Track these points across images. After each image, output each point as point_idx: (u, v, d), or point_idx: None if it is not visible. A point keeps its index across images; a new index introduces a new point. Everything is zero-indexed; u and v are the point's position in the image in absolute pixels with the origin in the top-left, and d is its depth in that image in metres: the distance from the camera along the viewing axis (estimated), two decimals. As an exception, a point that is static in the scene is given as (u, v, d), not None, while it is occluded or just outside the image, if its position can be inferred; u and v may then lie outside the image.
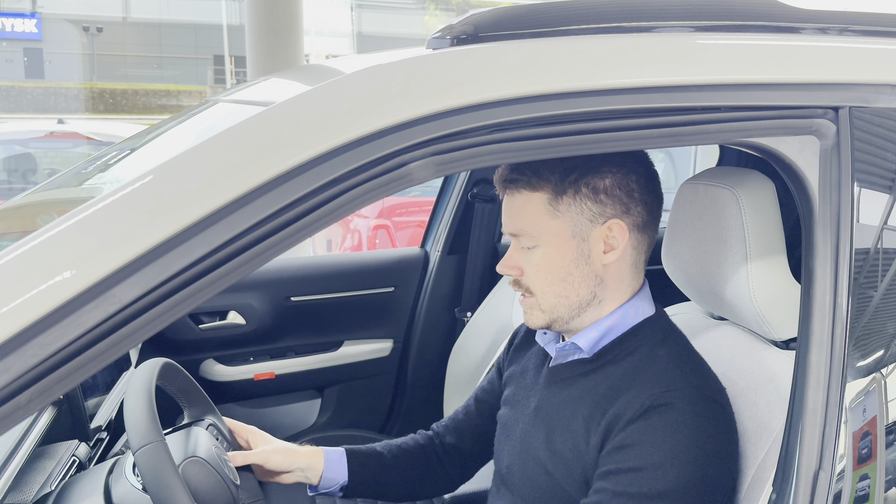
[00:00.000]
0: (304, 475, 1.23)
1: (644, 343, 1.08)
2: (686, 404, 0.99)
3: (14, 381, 0.66)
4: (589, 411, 1.06)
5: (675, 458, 0.96)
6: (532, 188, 1.05)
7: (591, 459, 1.03)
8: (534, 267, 1.07)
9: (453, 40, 0.85)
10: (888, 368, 0.99)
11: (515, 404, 1.22)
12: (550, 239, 1.06)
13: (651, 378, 1.03)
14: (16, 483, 1.13)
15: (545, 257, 1.06)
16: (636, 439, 0.98)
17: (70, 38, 23.81)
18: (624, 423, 1.00)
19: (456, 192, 2.31)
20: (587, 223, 1.05)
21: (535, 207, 1.05)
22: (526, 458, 1.14)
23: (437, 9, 24.69)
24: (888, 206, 0.97)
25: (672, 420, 0.98)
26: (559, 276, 1.07)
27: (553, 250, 1.06)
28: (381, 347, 2.29)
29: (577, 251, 1.06)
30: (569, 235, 1.06)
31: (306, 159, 0.74)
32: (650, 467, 0.97)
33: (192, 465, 1.06)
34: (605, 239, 1.06)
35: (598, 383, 1.07)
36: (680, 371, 1.04)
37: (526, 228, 1.06)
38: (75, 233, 0.70)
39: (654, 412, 0.99)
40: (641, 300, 1.11)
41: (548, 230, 1.05)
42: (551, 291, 1.08)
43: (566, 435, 1.08)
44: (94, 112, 21.09)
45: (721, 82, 0.88)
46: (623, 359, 1.08)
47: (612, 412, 1.02)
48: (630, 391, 1.02)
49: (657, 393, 1.00)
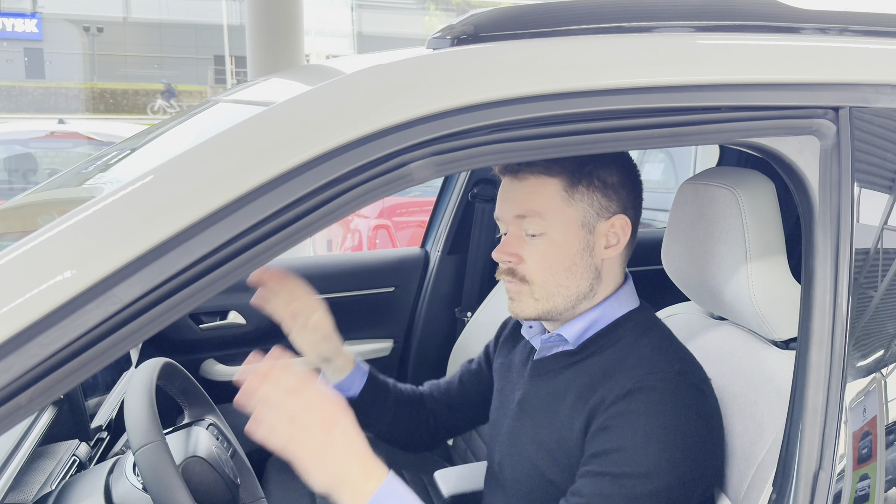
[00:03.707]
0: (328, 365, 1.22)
1: (627, 333, 1.10)
2: (667, 386, 1.00)
3: (14, 381, 0.66)
4: (573, 401, 1.07)
5: (657, 438, 0.97)
6: (549, 173, 1.05)
7: (577, 447, 1.04)
8: (537, 254, 1.06)
9: (453, 40, 0.85)
10: (888, 368, 0.99)
11: (503, 399, 1.24)
12: (562, 226, 1.05)
13: (634, 364, 1.04)
14: (16, 483, 1.13)
15: (552, 245, 1.06)
16: (617, 421, 0.99)
17: (70, 38, 23.83)
18: (606, 405, 1.01)
19: (456, 192, 2.31)
20: (595, 215, 1.07)
21: (550, 192, 1.05)
22: (514, 452, 1.15)
23: (437, 9, 24.70)
24: (888, 206, 0.97)
25: (653, 402, 0.99)
26: (563, 266, 1.07)
27: (562, 238, 1.06)
28: (381, 347, 2.29)
29: (583, 242, 1.07)
30: (579, 225, 1.06)
31: (306, 159, 0.74)
32: (630, 448, 0.97)
33: (193, 465, 1.06)
34: (607, 233, 1.08)
35: (581, 374, 1.09)
36: (662, 357, 1.05)
37: (539, 210, 1.05)
38: (75, 233, 0.70)
39: (636, 393, 0.99)
40: (626, 294, 1.13)
41: (561, 216, 1.05)
42: (553, 281, 1.07)
43: (551, 427, 1.09)
44: (94, 112, 21.11)
45: (721, 82, 0.88)
46: (607, 349, 1.09)
47: (595, 398, 1.03)
48: (613, 378, 1.03)
49: (639, 376, 1.01)
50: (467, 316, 2.29)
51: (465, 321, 2.28)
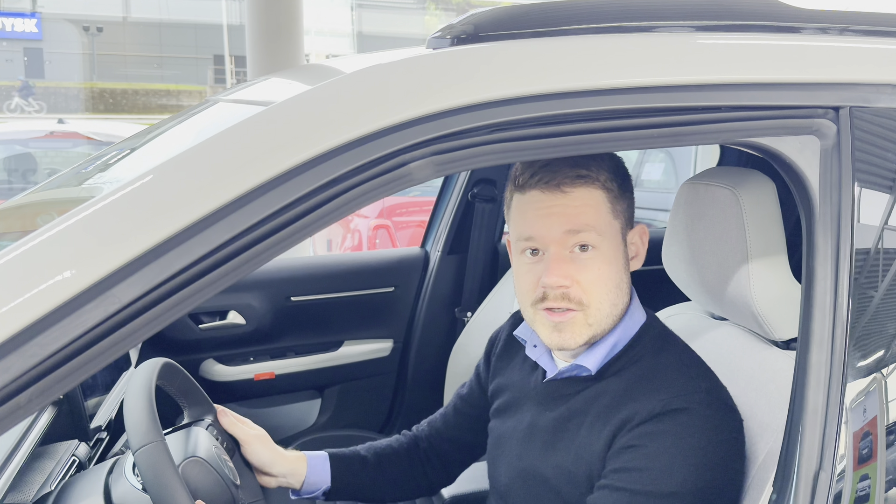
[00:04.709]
0: (286, 480, 1.20)
1: (645, 353, 1.06)
2: (700, 408, 0.98)
3: (14, 381, 0.66)
4: (592, 421, 1.04)
5: (684, 461, 0.95)
6: (595, 184, 0.99)
7: (598, 461, 1.01)
8: (594, 273, 0.99)
9: (453, 40, 0.85)
10: (889, 368, 0.99)
11: (507, 418, 1.19)
12: (612, 239, 1.00)
13: (659, 386, 1.01)
14: (16, 483, 1.13)
15: (605, 261, 0.99)
16: (644, 441, 0.97)
17: (70, 37, 23.81)
18: (632, 426, 0.98)
19: (456, 192, 2.30)
20: (626, 226, 1.05)
21: (598, 202, 0.99)
22: (527, 476, 1.11)
23: (437, 9, 24.69)
24: (889, 206, 0.96)
25: (684, 424, 0.96)
26: (614, 283, 1.01)
27: (612, 252, 1.00)
28: (381, 347, 2.29)
29: (624, 255, 1.03)
30: (621, 238, 1.03)
31: (306, 159, 0.74)
32: (657, 468, 0.95)
33: (192, 465, 1.06)
34: (634, 243, 1.06)
35: (600, 396, 1.05)
36: (687, 377, 1.02)
37: (594, 224, 0.98)
38: (75, 232, 0.69)
39: (666, 416, 0.97)
40: (635, 308, 1.09)
41: (611, 230, 1.00)
42: (608, 301, 1.00)
43: (568, 448, 1.06)
44: (94, 112, 21.10)
45: (721, 82, 0.88)
46: (626, 370, 1.05)
47: (618, 418, 1.00)
48: (638, 399, 1.00)
49: (666, 399, 0.98)
50: (467, 316, 2.29)
51: (465, 321, 2.28)
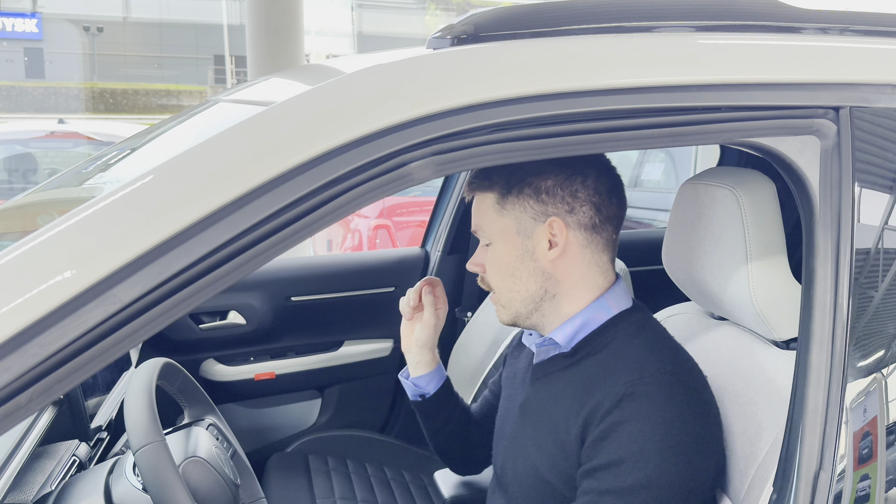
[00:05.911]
0: (424, 361, 1.38)
1: (619, 334, 1.10)
2: (659, 390, 0.99)
3: (14, 381, 0.66)
4: (569, 404, 1.07)
5: (653, 446, 0.97)
6: (484, 188, 1.13)
7: (574, 452, 1.04)
8: (490, 264, 1.14)
9: (454, 40, 0.85)
10: (889, 368, 0.99)
11: (507, 405, 1.26)
12: (499, 235, 1.12)
13: (625, 366, 1.04)
14: (16, 483, 1.13)
15: (496, 253, 1.13)
16: (613, 430, 0.99)
17: (70, 37, 23.82)
18: (601, 414, 1.01)
19: (456, 192, 2.30)
20: (531, 221, 1.10)
21: (487, 206, 1.13)
22: (516, 455, 1.16)
23: (437, 9, 24.69)
24: (889, 206, 0.96)
25: (644, 408, 0.98)
26: (508, 272, 1.13)
27: (502, 246, 1.12)
28: (381, 347, 2.29)
29: (522, 247, 1.11)
30: (514, 232, 1.11)
31: (306, 159, 0.74)
32: (629, 458, 0.97)
33: (193, 465, 1.06)
34: (548, 236, 1.10)
35: (577, 376, 1.09)
36: (654, 358, 1.04)
37: (480, 225, 1.15)
38: (75, 233, 0.69)
39: (627, 401, 0.99)
40: (615, 296, 1.13)
41: (496, 227, 1.12)
42: (504, 287, 1.14)
43: (549, 429, 1.09)
44: (94, 112, 21.10)
45: (722, 82, 0.88)
46: (600, 350, 1.09)
47: (590, 404, 1.03)
48: (606, 382, 1.03)
49: (630, 381, 1.01)
50: (467, 316, 2.29)
51: (465, 321, 2.28)
